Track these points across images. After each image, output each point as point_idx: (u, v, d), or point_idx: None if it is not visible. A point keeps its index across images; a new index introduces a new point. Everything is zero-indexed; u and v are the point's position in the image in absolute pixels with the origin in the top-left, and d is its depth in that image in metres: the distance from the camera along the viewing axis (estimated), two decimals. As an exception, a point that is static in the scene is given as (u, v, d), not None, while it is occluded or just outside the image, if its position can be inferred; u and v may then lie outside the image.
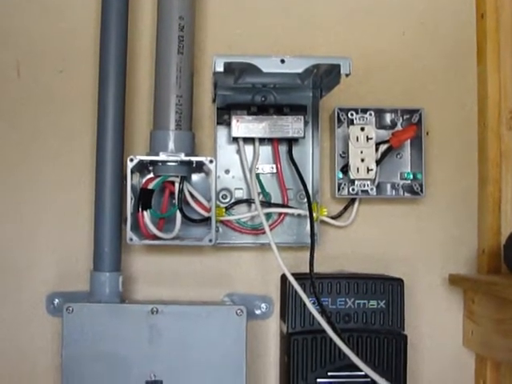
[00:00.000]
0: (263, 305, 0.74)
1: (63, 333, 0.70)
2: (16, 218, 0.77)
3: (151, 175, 0.74)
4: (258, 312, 0.74)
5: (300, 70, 0.65)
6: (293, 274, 0.70)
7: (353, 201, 0.76)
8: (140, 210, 0.70)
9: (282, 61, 0.64)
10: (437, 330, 0.77)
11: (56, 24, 0.78)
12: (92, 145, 0.75)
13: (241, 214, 0.74)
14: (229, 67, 0.64)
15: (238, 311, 0.70)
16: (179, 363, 0.70)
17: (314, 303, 0.71)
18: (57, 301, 0.74)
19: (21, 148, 0.77)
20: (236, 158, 0.76)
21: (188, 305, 0.72)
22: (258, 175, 0.75)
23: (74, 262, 0.76)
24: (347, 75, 0.64)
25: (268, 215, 0.74)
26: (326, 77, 0.70)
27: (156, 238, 0.71)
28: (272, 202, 0.75)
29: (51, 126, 0.77)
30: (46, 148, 0.78)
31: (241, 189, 0.76)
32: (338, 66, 0.65)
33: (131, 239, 0.69)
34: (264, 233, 0.74)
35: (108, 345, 0.70)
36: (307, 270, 0.71)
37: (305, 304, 0.70)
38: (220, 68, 0.64)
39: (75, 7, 0.78)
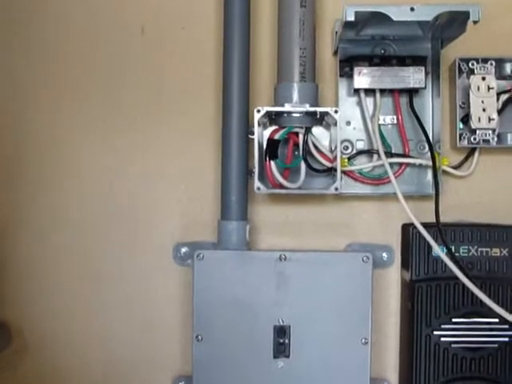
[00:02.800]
0: (384, 254, 0.75)
1: (194, 279, 0.72)
2: (142, 169, 0.80)
3: (273, 128, 0.75)
4: (378, 261, 0.74)
5: (430, 18, 0.65)
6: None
7: (473, 151, 0.77)
8: (267, 159, 0.71)
9: (412, 9, 0.65)
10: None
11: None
12: (216, 97, 0.77)
13: (362, 164, 0.75)
14: (355, 18, 0.65)
15: (365, 258, 0.71)
16: (306, 309, 0.72)
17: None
18: (183, 250, 0.75)
19: (146, 101, 0.80)
20: (356, 110, 0.77)
21: (315, 252, 0.72)
22: (379, 126, 0.75)
23: (198, 212, 0.77)
24: (475, 22, 0.64)
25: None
26: (447, 27, 0.70)
27: (282, 187, 0.72)
28: (393, 152, 0.75)
29: (175, 80, 0.79)
30: (171, 101, 0.79)
31: (362, 140, 0.77)
32: (463, 14, 0.65)
33: (259, 188, 0.71)
34: (384, 183, 0.75)
35: (237, 291, 0.72)
36: (428, 220, 0.71)
37: (429, 252, 0.72)
38: (351, 17, 0.65)
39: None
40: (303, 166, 0.73)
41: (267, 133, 0.74)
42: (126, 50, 0.80)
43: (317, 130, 0.76)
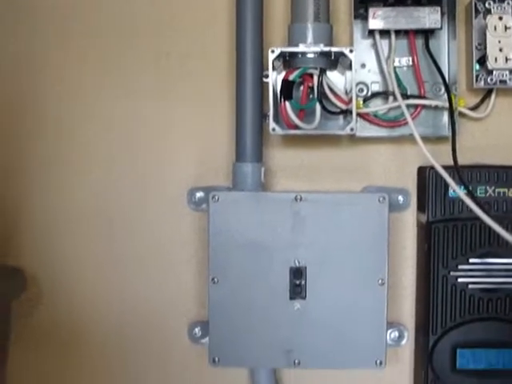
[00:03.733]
0: (400, 197, 0.74)
1: (209, 221, 0.72)
2: (156, 115, 0.79)
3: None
4: (394, 204, 0.74)
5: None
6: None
7: (489, 93, 0.76)
8: (282, 100, 0.71)
9: None
10: None
11: None
12: (229, 37, 0.77)
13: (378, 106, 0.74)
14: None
15: (381, 198, 0.71)
16: (322, 250, 0.72)
17: (454, 191, 0.71)
18: (198, 195, 0.75)
19: (160, 46, 0.80)
20: (371, 52, 0.77)
21: (331, 193, 0.72)
22: (394, 68, 0.74)
23: (213, 157, 0.77)
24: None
25: (402, 111, 0.74)
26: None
27: (297, 128, 0.71)
28: (409, 94, 0.74)
29: (189, 23, 0.78)
30: (185, 46, 0.79)
31: (377, 82, 0.76)
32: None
33: (274, 129, 0.71)
34: (400, 125, 0.75)
35: (252, 233, 0.71)
36: (444, 163, 0.71)
37: (445, 193, 0.71)
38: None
39: None
40: (318, 107, 0.72)
41: (281, 77, 0.73)
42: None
43: (331, 75, 0.75)
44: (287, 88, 0.71)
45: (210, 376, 0.78)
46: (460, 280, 0.71)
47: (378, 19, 0.73)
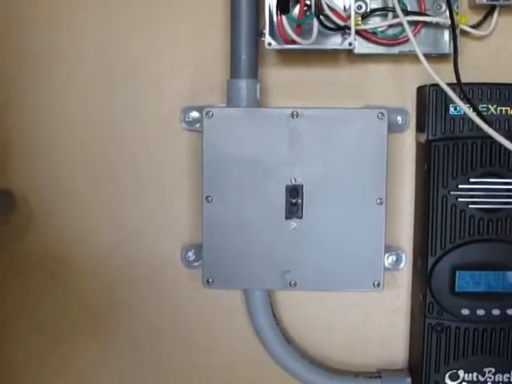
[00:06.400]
0: (399, 117, 0.73)
1: (203, 138, 0.70)
2: (148, 31, 0.76)
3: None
4: (393, 125, 0.71)
5: None
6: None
7: (492, 10, 0.73)
8: (278, 14, 0.68)
9: None
10: None
11: None
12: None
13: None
14: None
15: (379, 115, 0.69)
16: (319, 168, 0.70)
17: (455, 109, 0.69)
18: (192, 114, 0.73)
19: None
20: (371, -35, 0.73)
21: (328, 108, 0.69)
22: (394, -16, 0.72)
23: (208, 76, 0.75)
24: None
25: (401, 28, 0.71)
26: None
27: (294, 43, 0.69)
28: (409, 10, 0.72)
29: None
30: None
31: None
32: None
33: (270, 44, 0.69)
34: (399, 43, 0.72)
35: (248, 150, 0.69)
36: (444, 82, 0.68)
37: (446, 111, 0.70)
38: None
39: None
40: (315, 23, 0.70)
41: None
42: None
43: (328, -8, 0.71)
44: (283, 1, 0.68)
45: (204, 300, 0.77)
46: (460, 200, 0.69)
47: None
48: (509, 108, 0.70)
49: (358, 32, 0.72)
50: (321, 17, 0.71)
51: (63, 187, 0.77)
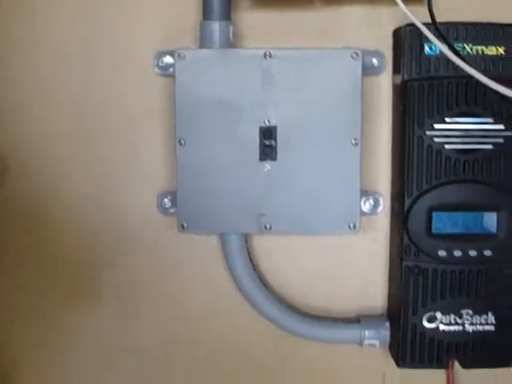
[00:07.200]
0: (375, 60, 0.72)
1: (175, 80, 0.69)
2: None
3: None
4: (369, 67, 0.71)
5: None
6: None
7: (467, -51, 0.72)
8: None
9: None
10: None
11: None
12: None
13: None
14: None
15: (354, 55, 0.68)
16: (293, 109, 0.69)
17: (431, 48, 0.68)
18: (166, 59, 0.71)
19: None
20: None
21: (302, 49, 0.68)
22: None
23: (181, 19, 0.74)
24: None
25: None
26: None
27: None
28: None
29: None
30: None
31: None
32: None
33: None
34: (374, -15, 0.71)
35: (220, 91, 0.69)
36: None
37: (421, 51, 0.69)
38: None
39: None
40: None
41: None
42: None
43: None
44: None
45: (181, 246, 0.76)
46: (436, 140, 0.69)
47: None
48: (484, 47, 0.69)
49: (332, -30, 0.70)
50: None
51: (38, 140, 0.76)
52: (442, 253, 0.70)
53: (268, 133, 0.68)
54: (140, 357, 0.78)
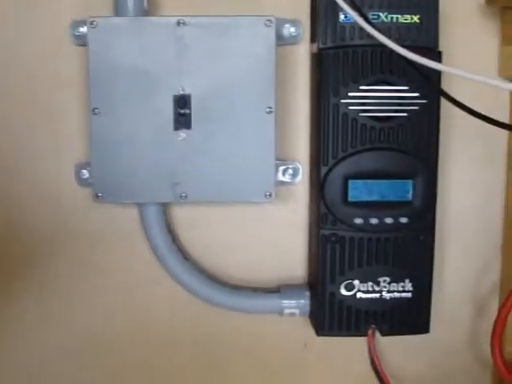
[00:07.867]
0: (292, 29, 0.72)
1: (88, 49, 0.68)
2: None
3: None
4: (286, 36, 0.70)
5: None
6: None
7: None
8: None
9: None
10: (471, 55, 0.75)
11: None
12: None
13: None
14: None
15: (267, 22, 0.68)
16: (208, 77, 0.69)
17: (346, 17, 0.68)
18: (82, 28, 0.71)
19: None
20: None
21: (215, 16, 0.68)
22: None
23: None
24: None
25: None
26: None
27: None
28: None
29: None
30: None
31: None
32: None
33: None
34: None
35: (134, 60, 0.69)
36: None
37: (336, 19, 0.70)
38: None
39: None
40: None
41: None
42: None
43: None
44: None
45: (101, 218, 0.76)
46: (351, 108, 0.69)
47: None
48: (399, 16, 0.69)
49: None
50: None
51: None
52: (358, 221, 0.70)
53: (182, 101, 0.68)
54: (63, 327, 0.77)
